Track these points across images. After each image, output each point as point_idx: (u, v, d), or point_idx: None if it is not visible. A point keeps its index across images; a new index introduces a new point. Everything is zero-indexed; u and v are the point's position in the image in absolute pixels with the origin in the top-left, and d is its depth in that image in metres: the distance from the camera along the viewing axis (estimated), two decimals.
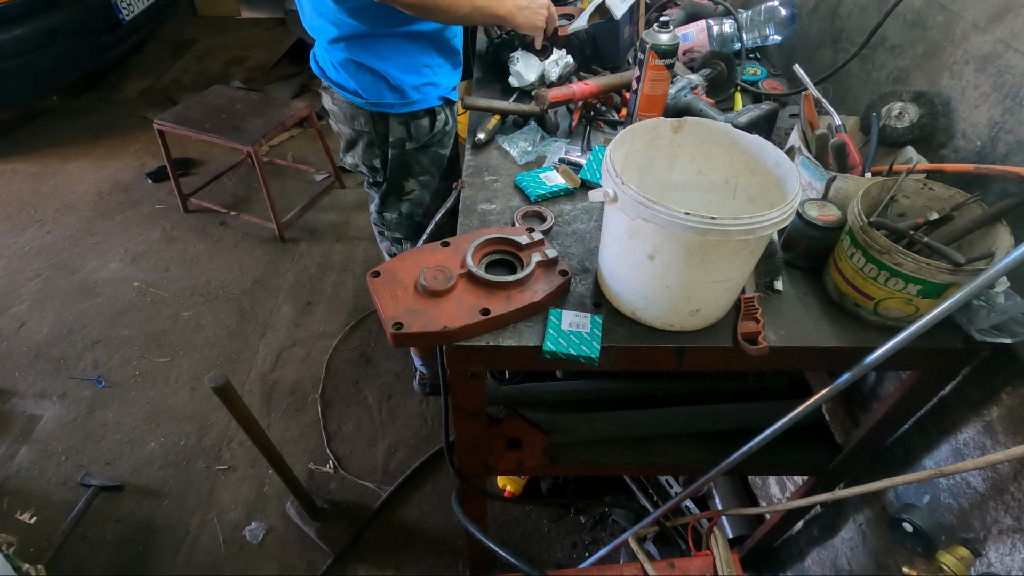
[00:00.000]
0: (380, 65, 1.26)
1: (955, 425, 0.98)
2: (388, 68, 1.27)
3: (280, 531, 1.76)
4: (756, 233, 0.69)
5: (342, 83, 1.33)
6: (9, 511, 1.79)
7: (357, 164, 1.48)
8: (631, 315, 0.86)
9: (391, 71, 1.27)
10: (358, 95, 1.31)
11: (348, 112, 1.36)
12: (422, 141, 1.39)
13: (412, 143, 1.39)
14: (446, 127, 1.43)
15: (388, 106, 1.32)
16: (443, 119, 1.41)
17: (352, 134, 1.41)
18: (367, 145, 1.40)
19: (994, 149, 0.92)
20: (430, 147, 1.42)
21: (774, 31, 1.43)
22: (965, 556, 0.86)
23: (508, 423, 1.23)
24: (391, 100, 1.31)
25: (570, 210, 1.08)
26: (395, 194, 1.48)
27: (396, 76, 1.28)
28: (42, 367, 2.20)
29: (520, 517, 1.79)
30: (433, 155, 1.44)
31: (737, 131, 0.85)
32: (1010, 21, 0.90)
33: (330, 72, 1.35)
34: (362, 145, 1.41)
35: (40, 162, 3.24)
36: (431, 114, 1.37)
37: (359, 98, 1.31)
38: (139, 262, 2.64)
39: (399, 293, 0.87)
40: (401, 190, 1.46)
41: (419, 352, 2.00)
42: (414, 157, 1.41)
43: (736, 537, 1.56)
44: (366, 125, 1.36)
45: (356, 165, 1.49)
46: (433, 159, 1.44)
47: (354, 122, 1.37)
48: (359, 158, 1.46)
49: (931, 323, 0.75)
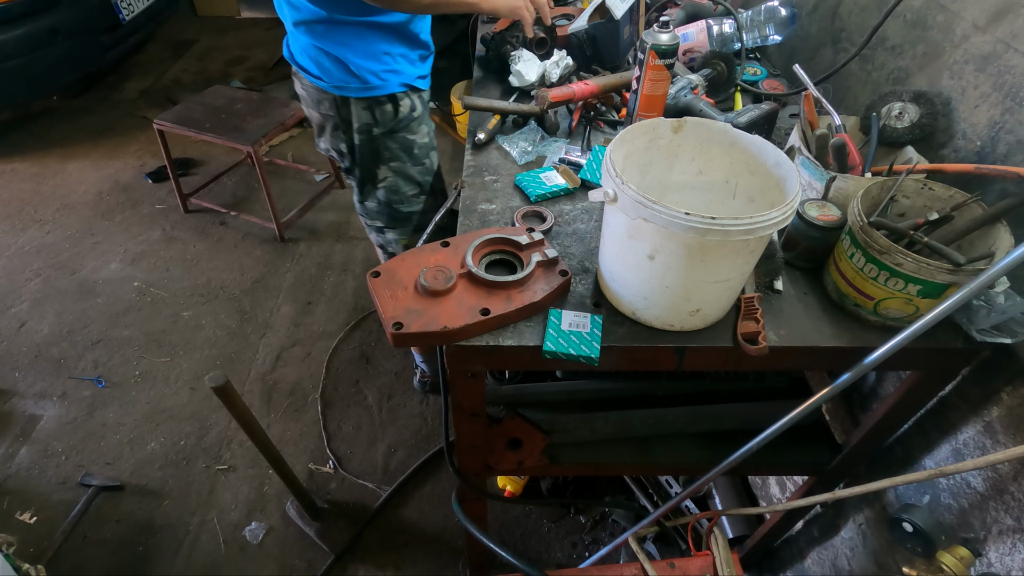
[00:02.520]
0: (339, 51, 1.27)
1: (955, 425, 0.98)
2: (347, 54, 1.28)
3: (280, 531, 1.76)
4: (756, 233, 0.69)
5: (308, 67, 1.34)
6: (9, 511, 1.79)
7: (328, 149, 1.49)
8: (631, 315, 0.86)
9: (350, 57, 1.28)
10: (322, 79, 1.32)
11: (315, 96, 1.37)
12: (388, 126, 1.39)
13: (379, 128, 1.39)
14: (413, 113, 1.42)
15: (350, 90, 1.32)
16: (408, 105, 1.40)
17: (320, 118, 1.42)
18: (333, 129, 1.41)
19: (994, 149, 0.92)
20: (397, 132, 1.42)
21: (774, 31, 1.43)
22: (965, 556, 0.86)
23: (508, 423, 1.23)
24: (352, 84, 1.31)
25: (570, 210, 1.08)
26: (370, 182, 1.49)
27: (355, 62, 1.29)
28: (42, 367, 2.20)
29: (520, 517, 1.79)
30: (402, 140, 1.43)
31: (737, 131, 0.85)
32: (1010, 21, 0.90)
33: (297, 56, 1.37)
34: (328, 129, 1.42)
35: (40, 162, 3.24)
36: (393, 100, 1.37)
37: (323, 82, 1.33)
38: (139, 262, 2.64)
39: (399, 293, 0.87)
40: (375, 177, 1.47)
41: (420, 349, 2.00)
42: (382, 142, 1.41)
43: (736, 537, 1.56)
44: (331, 109, 1.37)
45: (327, 150, 1.49)
46: (402, 145, 1.44)
47: (320, 106, 1.38)
48: (328, 143, 1.46)
49: (931, 323, 0.75)
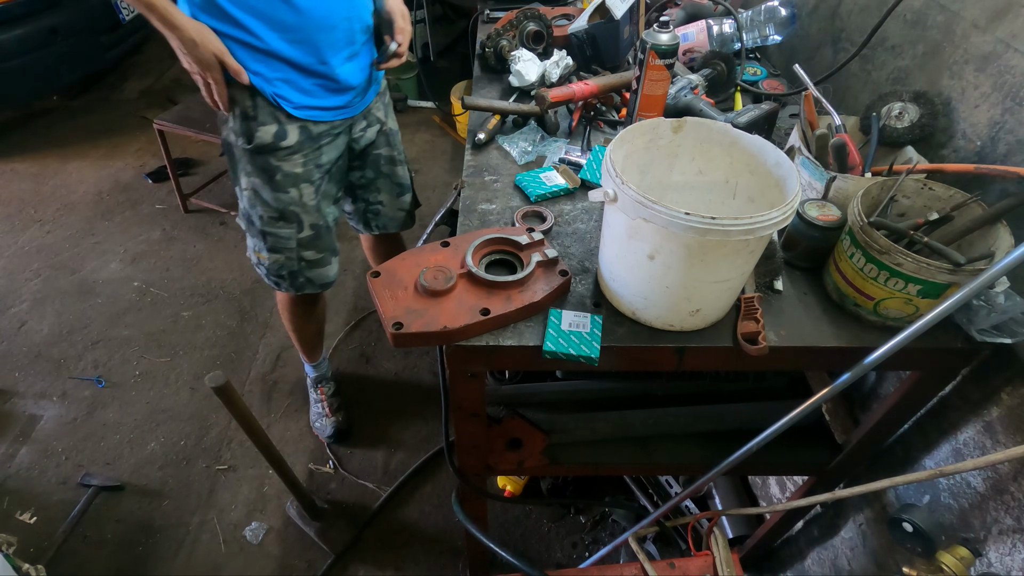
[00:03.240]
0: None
1: (955, 425, 0.98)
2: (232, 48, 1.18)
3: (280, 531, 1.76)
4: (756, 233, 0.69)
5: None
6: (9, 511, 1.79)
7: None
8: (631, 315, 0.86)
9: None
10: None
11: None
12: (248, 144, 1.26)
13: (239, 140, 1.27)
14: (281, 142, 1.26)
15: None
16: (274, 132, 1.25)
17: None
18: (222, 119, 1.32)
19: (994, 149, 0.92)
20: (258, 154, 1.28)
21: (774, 31, 1.43)
22: (965, 556, 0.86)
23: (508, 423, 1.23)
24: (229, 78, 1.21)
25: (570, 210, 1.08)
26: (236, 183, 1.38)
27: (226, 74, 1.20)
28: (42, 367, 2.20)
29: (520, 517, 1.79)
30: (262, 163, 1.29)
31: (737, 131, 0.85)
32: (1010, 21, 0.90)
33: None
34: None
35: (40, 162, 3.24)
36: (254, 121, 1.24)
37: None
38: (139, 262, 2.64)
39: (399, 293, 0.87)
40: (238, 181, 1.36)
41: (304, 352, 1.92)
42: (242, 155, 1.30)
43: (736, 537, 1.56)
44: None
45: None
46: (262, 167, 1.30)
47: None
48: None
49: (931, 323, 0.75)
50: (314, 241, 1.44)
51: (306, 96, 1.26)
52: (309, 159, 1.33)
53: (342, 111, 1.34)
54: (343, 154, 1.43)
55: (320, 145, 1.34)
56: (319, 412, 1.99)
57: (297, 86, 1.24)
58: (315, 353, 1.92)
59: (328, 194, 1.44)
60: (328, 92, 1.28)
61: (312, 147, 1.33)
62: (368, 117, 1.45)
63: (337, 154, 1.40)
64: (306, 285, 1.51)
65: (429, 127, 3.60)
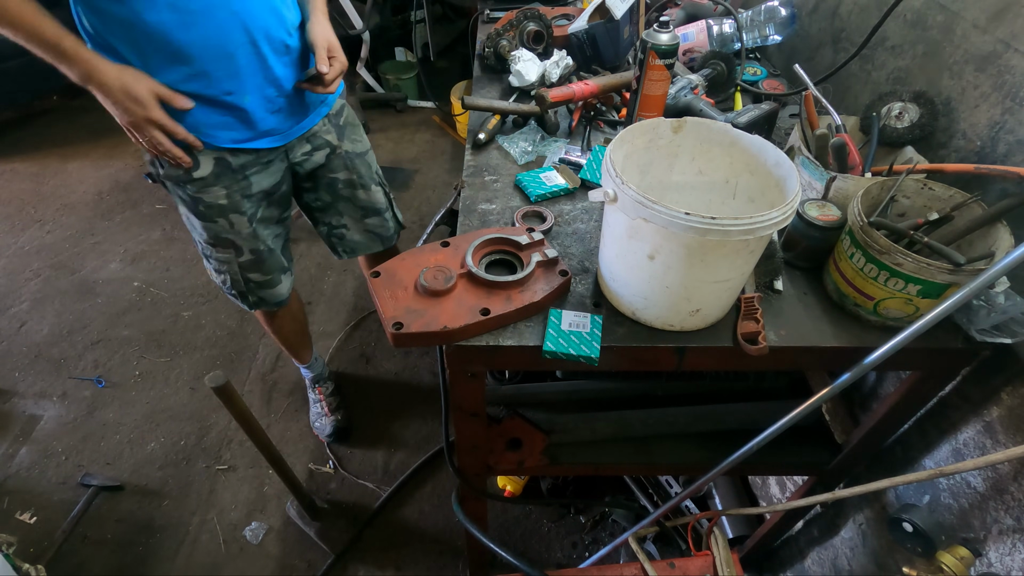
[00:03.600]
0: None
1: (955, 425, 0.98)
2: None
3: (280, 531, 1.76)
4: (756, 233, 0.69)
5: None
6: (9, 511, 1.79)
7: None
8: (631, 315, 0.86)
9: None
10: None
11: None
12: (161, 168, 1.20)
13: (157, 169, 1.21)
14: (192, 172, 1.19)
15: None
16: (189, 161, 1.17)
17: None
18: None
19: (994, 149, 0.92)
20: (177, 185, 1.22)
21: (774, 31, 1.43)
22: (965, 556, 0.86)
23: (508, 423, 1.23)
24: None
25: (570, 210, 1.08)
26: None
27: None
28: (42, 367, 2.20)
29: (520, 517, 1.79)
30: (186, 191, 1.23)
31: (737, 131, 0.85)
32: (1010, 21, 0.90)
33: None
34: None
35: (40, 162, 3.24)
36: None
37: None
38: (139, 262, 2.64)
39: (399, 293, 0.87)
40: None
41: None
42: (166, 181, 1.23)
43: (736, 537, 1.56)
44: None
45: None
46: (188, 196, 1.24)
47: None
48: None
49: (931, 323, 0.75)
50: (256, 264, 1.38)
51: (218, 129, 1.17)
52: (234, 190, 1.25)
53: (264, 139, 1.23)
54: (284, 179, 1.35)
55: (246, 175, 1.25)
56: (318, 412, 1.99)
57: (207, 119, 1.14)
58: (304, 354, 1.91)
59: (268, 219, 1.36)
60: (243, 123, 1.18)
61: (235, 178, 1.24)
62: (313, 140, 1.34)
63: (274, 181, 1.31)
64: (259, 303, 1.48)
65: (429, 127, 3.60)
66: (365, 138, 1.48)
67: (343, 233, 1.55)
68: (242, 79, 1.12)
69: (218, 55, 1.08)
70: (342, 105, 1.41)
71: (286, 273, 1.49)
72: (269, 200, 1.34)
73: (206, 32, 1.04)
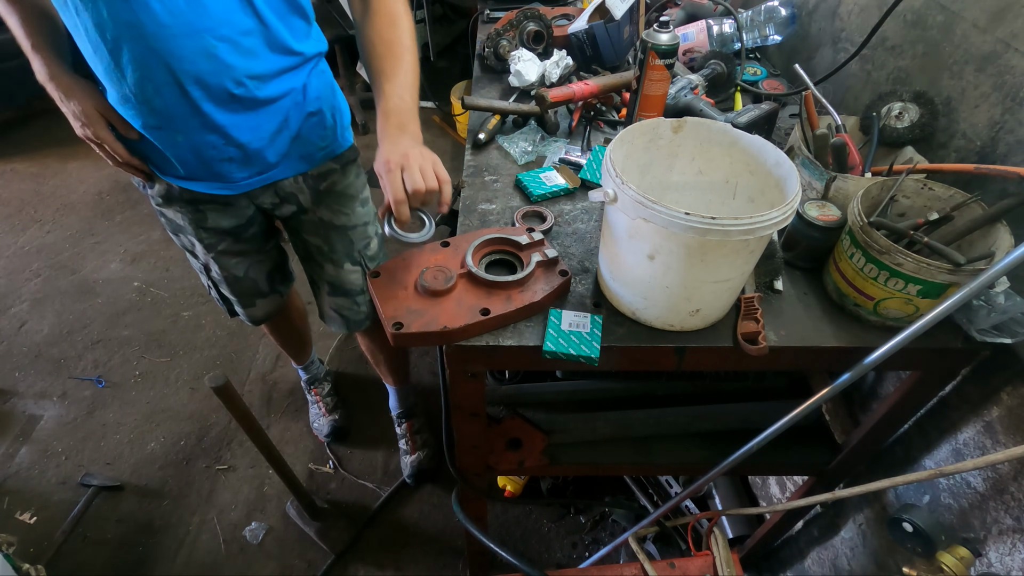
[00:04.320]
0: None
1: (955, 425, 0.98)
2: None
3: (280, 531, 1.76)
4: (756, 233, 0.69)
5: None
6: (9, 511, 1.79)
7: None
8: (631, 315, 0.86)
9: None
10: None
11: None
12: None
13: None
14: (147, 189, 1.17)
15: None
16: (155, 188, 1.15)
17: None
18: None
19: (994, 149, 0.92)
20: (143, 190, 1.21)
21: (774, 31, 1.43)
22: (965, 556, 0.86)
23: (508, 423, 1.23)
24: None
25: (570, 210, 1.08)
26: None
27: None
28: (42, 367, 2.20)
29: (520, 517, 1.79)
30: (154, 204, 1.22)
31: (737, 131, 0.85)
32: (1010, 21, 0.90)
33: None
34: None
35: (40, 162, 3.24)
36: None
37: None
38: (139, 262, 2.64)
39: (399, 293, 0.87)
40: None
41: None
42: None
43: (736, 537, 1.56)
44: None
45: None
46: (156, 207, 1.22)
47: None
48: None
49: (931, 323, 0.75)
50: (226, 284, 1.33)
51: (160, 160, 1.09)
52: (188, 219, 1.18)
53: (206, 184, 1.12)
54: (254, 221, 1.25)
55: (199, 209, 1.17)
56: (316, 412, 1.99)
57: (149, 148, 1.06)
58: (301, 355, 1.90)
59: (236, 252, 1.28)
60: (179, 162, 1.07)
61: (188, 208, 1.17)
62: (280, 192, 1.19)
63: (237, 222, 1.22)
64: (235, 314, 1.44)
65: (429, 127, 3.60)
66: (358, 213, 1.28)
67: (317, 292, 1.43)
68: (170, 118, 0.99)
69: (141, 86, 0.94)
70: (332, 170, 1.22)
71: (265, 297, 1.41)
72: (236, 238, 1.26)
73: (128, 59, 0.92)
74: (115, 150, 1.05)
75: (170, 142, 1.03)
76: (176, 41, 0.90)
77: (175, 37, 0.90)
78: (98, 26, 0.89)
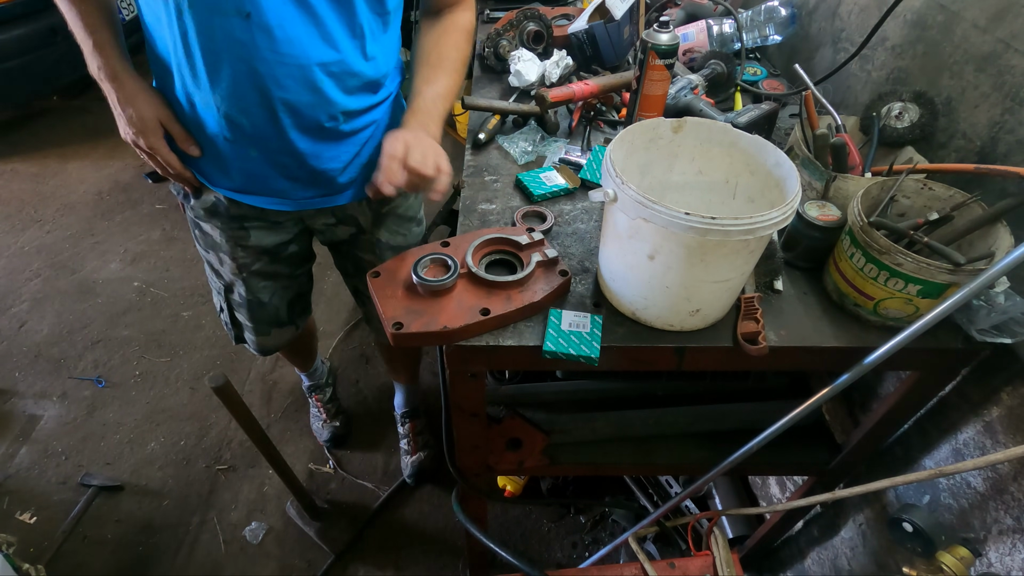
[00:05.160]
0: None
1: (955, 425, 0.98)
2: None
3: (280, 531, 1.76)
4: (756, 233, 0.69)
5: None
6: (9, 511, 1.79)
7: None
8: (631, 315, 0.86)
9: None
10: None
11: None
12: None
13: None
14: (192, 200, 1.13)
15: None
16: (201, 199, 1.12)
17: None
18: None
19: (994, 149, 0.92)
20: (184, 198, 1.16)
21: (774, 31, 1.43)
22: (965, 556, 0.86)
23: (508, 423, 1.23)
24: None
25: (570, 210, 1.08)
26: None
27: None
28: (42, 367, 2.20)
29: (520, 517, 1.79)
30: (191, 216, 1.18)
31: (737, 131, 0.85)
32: (1010, 21, 0.90)
33: None
34: None
35: (40, 162, 3.24)
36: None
37: None
38: (139, 262, 2.64)
39: (399, 293, 0.87)
40: None
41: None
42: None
43: (736, 537, 1.56)
44: None
45: None
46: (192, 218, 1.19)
47: None
48: None
49: (931, 323, 0.75)
50: (245, 308, 1.30)
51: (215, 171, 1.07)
52: (228, 236, 1.16)
53: (265, 199, 1.09)
54: (297, 240, 1.24)
55: (244, 226, 1.15)
56: (316, 416, 1.99)
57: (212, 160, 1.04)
58: (306, 363, 1.90)
59: (269, 274, 1.25)
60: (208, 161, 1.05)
61: (232, 225, 1.14)
62: (338, 214, 1.19)
63: (279, 240, 1.20)
64: (241, 341, 1.39)
65: None
66: (413, 232, 1.30)
67: (364, 303, 1.44)
68: (250, 136, 0.98)
69: (230, 101, 0.94)
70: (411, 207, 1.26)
71: (282, 327, 1.38)
72: (273, 257, 1.23)
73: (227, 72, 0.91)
74: (168, 162, 1.02)
75: (242, 154, 1.01)
76: (283, 69, 0.90)
77: (284, 65, 0.90)
78: (203, 34, 0.87)
